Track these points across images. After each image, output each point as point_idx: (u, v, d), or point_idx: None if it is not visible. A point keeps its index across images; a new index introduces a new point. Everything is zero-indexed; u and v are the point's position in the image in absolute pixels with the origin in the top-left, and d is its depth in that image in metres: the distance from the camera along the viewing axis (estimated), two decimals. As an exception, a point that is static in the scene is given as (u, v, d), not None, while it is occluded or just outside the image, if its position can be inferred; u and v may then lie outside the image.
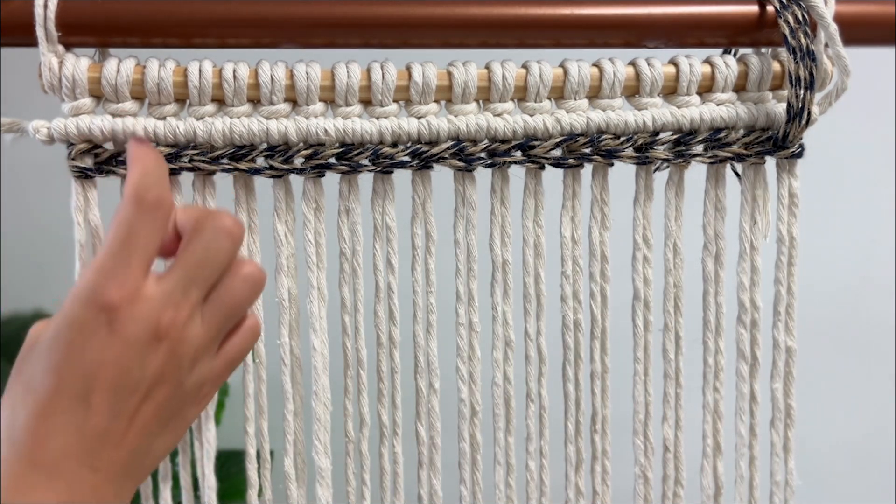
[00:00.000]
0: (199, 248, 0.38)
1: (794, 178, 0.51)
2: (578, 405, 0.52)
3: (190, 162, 0.46)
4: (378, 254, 0.49)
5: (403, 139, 0.47)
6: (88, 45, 0.45)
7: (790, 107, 0.48)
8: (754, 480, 0.54)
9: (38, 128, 0.45)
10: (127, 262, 0.37)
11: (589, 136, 0.48)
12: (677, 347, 0.53)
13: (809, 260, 0.76)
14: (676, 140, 0.49)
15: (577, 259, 0.51)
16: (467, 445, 0.52)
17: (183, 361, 0.38)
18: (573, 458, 0.53)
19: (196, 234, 0.39)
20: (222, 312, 0.40)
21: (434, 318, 0.50)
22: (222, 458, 0.76)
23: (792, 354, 0.52)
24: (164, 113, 0.46)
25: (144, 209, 0.37)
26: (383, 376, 0.50)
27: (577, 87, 0.47)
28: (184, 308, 0.38)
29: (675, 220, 0.52)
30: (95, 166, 0.46)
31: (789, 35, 0.46)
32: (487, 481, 0.52)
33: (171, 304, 0.38)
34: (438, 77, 0.47)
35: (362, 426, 0.51)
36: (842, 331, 1.13)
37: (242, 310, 0.40)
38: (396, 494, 0.52)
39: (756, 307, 0.52)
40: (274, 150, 0.47)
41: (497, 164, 0.48)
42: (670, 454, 0.54)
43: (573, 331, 0.51)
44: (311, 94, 0.46)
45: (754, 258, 0.52)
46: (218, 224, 0.39)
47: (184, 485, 0.51)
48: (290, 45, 0.46)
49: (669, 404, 0.53)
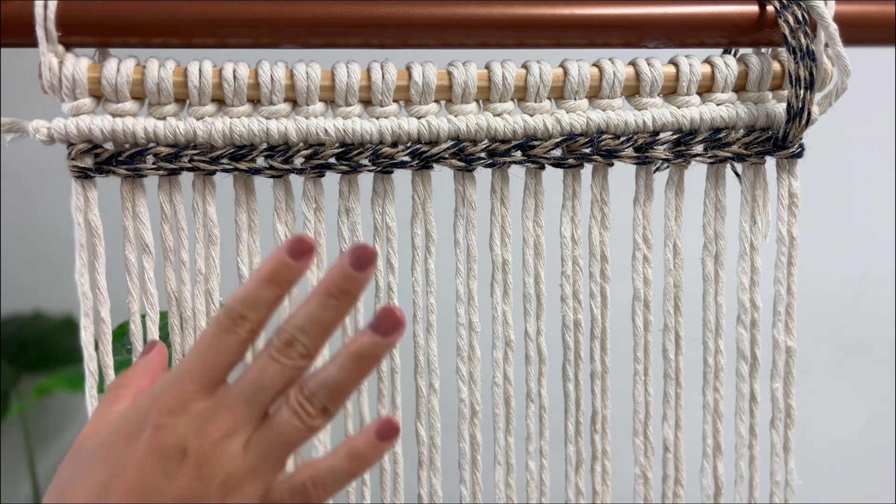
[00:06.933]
0: (254, 368, 0.36)
1: (794, 177, 0.51)
2: (578, 405, 0.52)
3: (190, 162, 0.46)
4: (378, 254, 0.49)
5: (403, 139, 0.47)
6: (88, 45, 0.45)
7: (790, 107, 0.48)
8: (754, 480, 0.54)
9: (38, 128, 0.45)
10: (190, 376, 0.36)
11: (589, 136, 0.48)
12: (677, 347, 0.53)
13: (809, 260, 0.76)
14: (676, 140, 0.49)
15: (577, 259, 0.51)
16: (467, 445, 0.52)
17: (211, 483, 0.35)
18: (573, 458, 0.53)
19: (260, 355, 0.37)
20: (267, 440, 0.36)
21: (434, 318, 0.50)
22: (222, 458, 0.76)
23: (792, 354, 0.52)
24: (164, 113, 0.46)
25: (223, 327, 0.36)
26: (383, 376, 0.51)
27: (577, 87, 0.47)
28: (223, 422, 0.35)
29: (675, 220, 0.52)
30: (95, 166, 0.46)
31: (789, 35, 0.46)
32: (487, 481, 0.52)
33: (210, 416, 0.35)
34: (438, 77, 0.47)
35: (362, 426, 0.51)
36: (842, 331, 1.13)
37: (291, 447, 0.37)
38: (396, 494, 0.52)
39: (756, 307, 0.52)
40: (274, 150, 0.47)
41: (497, 164, 0.48)
42: (670, 454, 0.54)
43: (573, 331, 0.51)
44: (311, 94, 0.46)
45: (754, 258, 0.52)
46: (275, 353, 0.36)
47: (184, 485, 0.51)
48: (290, 45, 0.46)
49: (669, 404, 0.53)
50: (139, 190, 0.47)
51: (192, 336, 0.49)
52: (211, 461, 0.35)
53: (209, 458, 0.35)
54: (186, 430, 0.35)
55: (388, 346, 0.37)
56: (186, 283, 0.48)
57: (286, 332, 0.36)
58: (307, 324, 0.36)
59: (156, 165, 0.46)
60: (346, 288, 0.36)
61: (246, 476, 0.36)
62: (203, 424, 0.35)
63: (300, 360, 0.36)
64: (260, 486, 0.36)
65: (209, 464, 0.35)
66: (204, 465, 0.35)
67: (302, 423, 0.36)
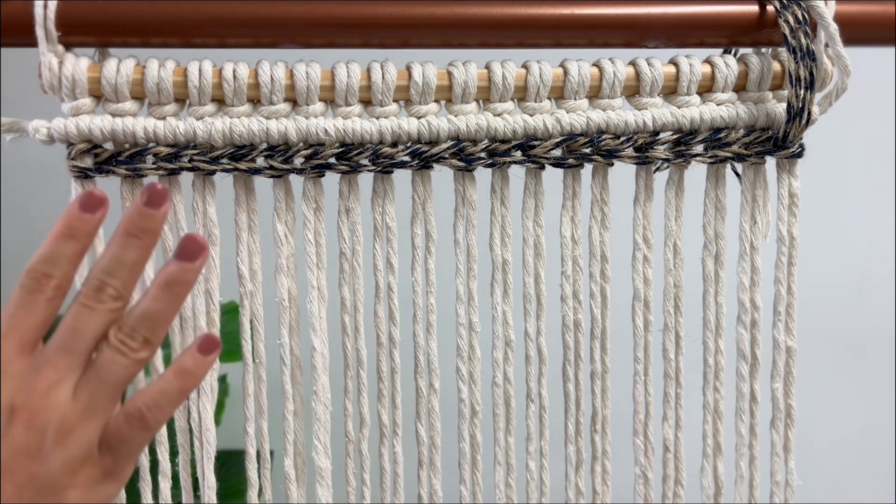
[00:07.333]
0: (68, 318, 0.38)
1: (794, 177, 0.51)
2: (578, 405, 0.52)
3: (190, 162, 0.46)
4: (378, 254, 0.49)
5: (403, 139, 0.47)
6: (88, 45, 0.45)
7: (790, 107, 0.48)
8: (754, 480, 0.54)
9: (38, 128, 0.45)
10: (4, 341, 0.37)
11: (589, 136, 0.48)
12: (677, 347, 0.53)
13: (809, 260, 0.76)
14: (676, 140, 0.49)
15: (577, 259, 0.51)
16: (467, 445, 0.52)
17: (45, 432, 0.36)
18: (573, 458, 0.53)
19: (71, 304, 0.38)
20: (95, 381, 0.38)
21: (434, 318, 0.50)
22: (222, 458, 0.76)
23: (792, 354, 0.52)
24: (164, 113, 0.46)
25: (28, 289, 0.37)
26: (383, 376, 0.50)
27: (577, 87, 0.47)
28: (46, 375, 0.37)
29: (675, 220, 0.52)
30: (95, 166, 0.46)
31: (789, 35, 0.46)
32: (487, 481, 0.52)
33: (33, 372, 0.37)
34: (438, 77, 0.47)
35: (362, 426, 0.51)
36: (842, 331, 1.13)
37: (120, 383, 0.38)
38: (396, 494, 0.52)
39: (756, 307, 0.52)
40: (274, 150, 0.47)
41: (497, 164, 0.48)
42: (670, 454, 0.54)
43: (573, 331, 0.51)
44: (311, 93, 0.46)
45: (754, 258, 0.52)
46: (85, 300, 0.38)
47: (184, 485, 0.51)
48: (290, 45, 0.46)
49: (669, 404, 0.53)
50: (139, 190, 0.47)
51: (191, 336, 0.49)
52: (40, 412, 0.36)
53: (38, 409, 0.36)
54: (10, 389, 0.36)
55: (195, 271, 0.39)
56: (186, 283, 0.48)
57: (94, 278, 0.38)
58: (113, 266, 0.38)
59: (156, 165, 0.46)
60: (143, 226, 0.38)
61: (80, 418, 0.37)
62: (26, 381, 0.37)
63: (112, 302, 0.38)
64: (96, 426, 0.38)
65: (39, 414, 0.36)
66: (34, 417, 0.36)
67: (127, 358, 0.38)
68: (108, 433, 0.38)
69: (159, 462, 0.49)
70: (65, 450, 0.37)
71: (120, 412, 0.39)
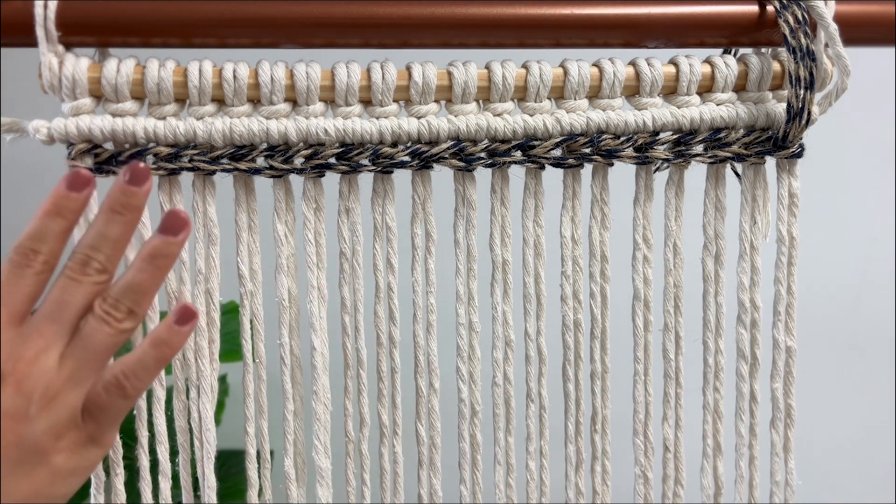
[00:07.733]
0: (55, 290, 0.40)
1: (794, 177, 0.51)
2: (578, 405, 0.52)
3: (190, 162, 0.46)
4: (378, 254, 0.50)
5: (403, 139, 0.47)
6: (88, 45, 0.45)
7: (790, 107, 0.48)
8: (754, 480, 0.54)
9: (38, 128, 0.45)
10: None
11: (589, 136, 0.48)
12: (677, 347, 0.53)
13: (809, 260, 0.76)
14: (676, 140, 0.49)
15: (577, 259, 0.51)
16: (467, 445, 0.52)
17: (31, 396, 0.38)
18: (573, 458, 0.53)
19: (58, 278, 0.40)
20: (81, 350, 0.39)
21: (434, 318, 0.50)
22: (222, 458, 0.76)
23: (792, 354, 0.52)
24: (164, 113, 0.46)
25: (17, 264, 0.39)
26: (383, 376, 0.50)
27: (577, 87, 0.47)
28: (33, 343, 0.39)
29: (675, 220, 0.52)
30: (95, 166, 0.46)
31: (789, 35, 0.46)
32: (487, 481, 0.52)
33: (21, 340, 0.38)
34: (438, 77, 0.47)
35: (362, 426, 0.51)
36: (842, 331, 1.13)
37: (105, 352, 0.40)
38: (396, 494, 0.52)
39: (756, 307, 0.52)
40: (274, 150, 0.47)
41: (497, 164, 0.48)
42: (670, 454, 0.54)
43: (573, 331, 0.51)
44: (311, 94, 0.46)
45: (754, 258, 0.52)
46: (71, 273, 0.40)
47: (184, 485, 0.51)
48: (290, 45, 0.46)
49: (669, 404, 0.53)
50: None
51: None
52: (27, 377, 0.38)
53: (25, 374, 0.38)
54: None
55: (178, 245, 0.41)
56: (186, 282, 0.48)
57: (80, 252, 0.40)
58: (98, 241, 0.40)
59: (156, 165, 0.46)
60: (126, 202, 0.40)
61: (65, 385, 0.39)
62: (14, 349, 0.38)
63: (97, 275, 0.40)
64: (80, 393, 0.40)
65: (26, 380, 0.38)
66: (21, 382, 0.38)
67: (111, 327, 0.40)
68: (89, 400, 0.40)
69: (159, 462, 0.49)
70: (49, 415, 0.39)
71: (98, 381, 0.40)
